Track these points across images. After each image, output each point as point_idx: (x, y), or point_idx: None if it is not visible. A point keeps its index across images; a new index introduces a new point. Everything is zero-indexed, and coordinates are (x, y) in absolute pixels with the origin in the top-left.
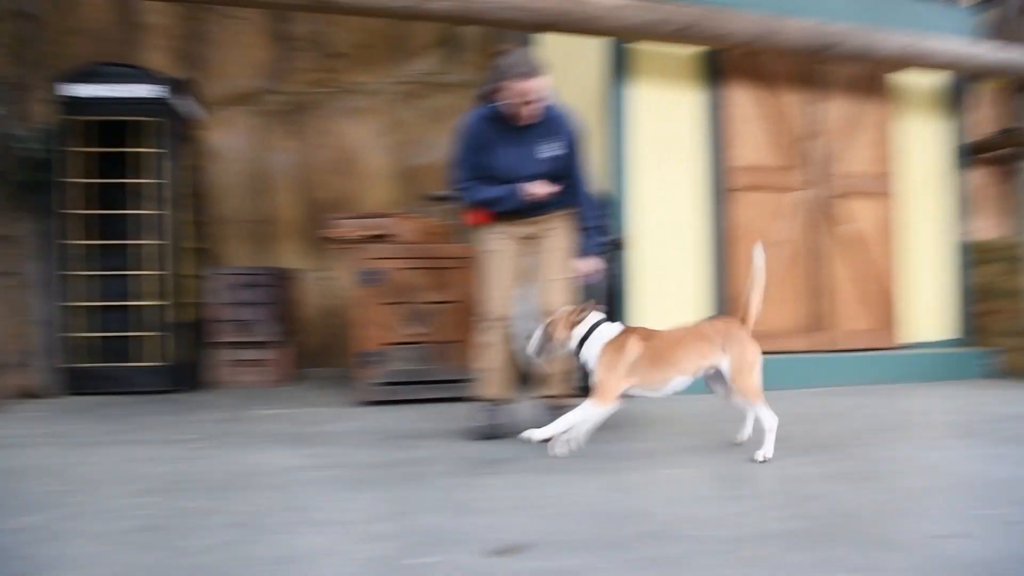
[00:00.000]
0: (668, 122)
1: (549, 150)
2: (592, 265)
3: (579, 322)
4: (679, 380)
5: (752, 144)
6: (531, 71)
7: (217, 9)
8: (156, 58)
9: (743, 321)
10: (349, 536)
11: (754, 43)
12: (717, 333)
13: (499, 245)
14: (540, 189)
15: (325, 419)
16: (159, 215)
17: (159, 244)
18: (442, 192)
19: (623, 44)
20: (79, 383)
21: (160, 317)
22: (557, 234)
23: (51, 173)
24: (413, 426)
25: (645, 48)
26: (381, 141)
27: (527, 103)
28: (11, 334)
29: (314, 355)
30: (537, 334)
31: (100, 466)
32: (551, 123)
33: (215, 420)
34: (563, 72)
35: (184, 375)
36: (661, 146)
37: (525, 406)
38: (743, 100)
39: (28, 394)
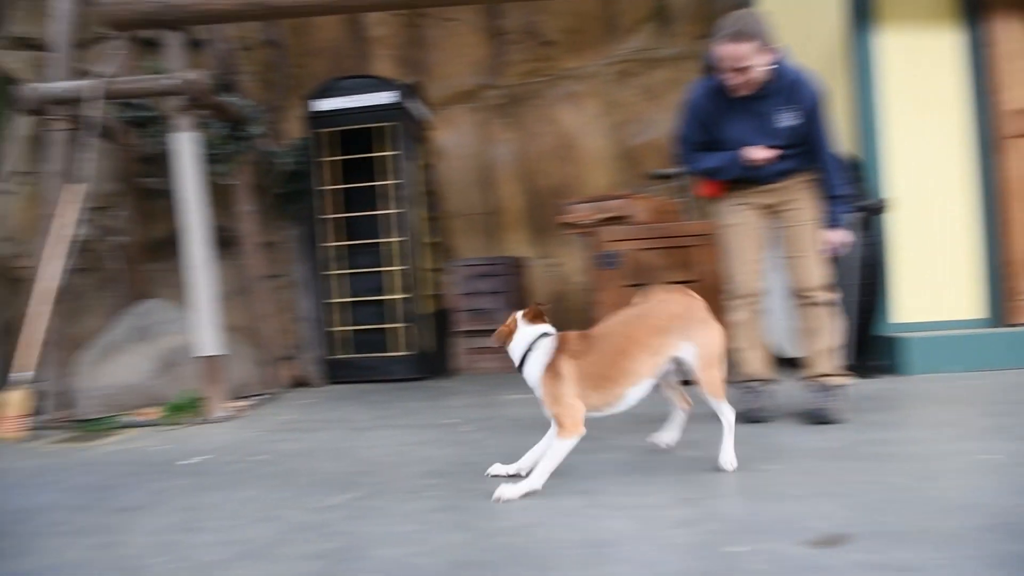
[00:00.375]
0: (922, 68)
1: (787, 119)
2: (841, 236)
3: (509, 334)
4: (635, 391)
5: None
6: (734, 34)
7: (434, 13)
8: (384, 67)
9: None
10: (655, 522)
11: None
12: (673, 318)
13: (737, 218)
14: (761, 154)
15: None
16: (399, 214)
17: (401, 241)
18: (666, 170)
19: None
20: (338, 373)
21: (405, 309)
22: (802, 204)
23: (305, 183)
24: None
25: None
26: (599, 124)
27: (734, 70)
28: (281, 329)
29: None
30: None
31: (383, 449)
32: (786, 90)
33: (468, 406)
34: (797, 26)
35: (429, 363)
36: (916, 97)
37: (790, 387)
38: (1011, 35)
39: (298, 383)
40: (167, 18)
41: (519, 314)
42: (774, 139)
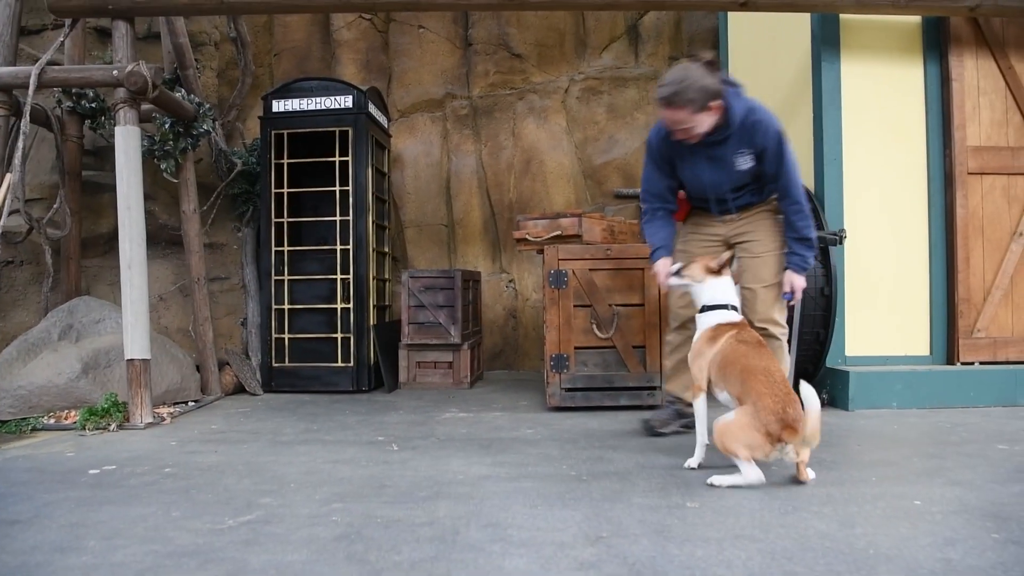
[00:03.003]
0: (885, 100)
1: (745, 162)
2: (801, 283)
3: (708, 272)
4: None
5: (987, 121)
6: (668, 99)
7: (403, 19)
8: (351, 71)
9: None
10: (555, 562)
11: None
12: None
13: (685, 245)
14: (661, 277)
15: (511, 424)
16: (349, 220)
17: (349, 248)
18: (629, 190)
19: (833, 15)
20: (280, 381)
21: (351, 319)
22: (759, 236)
23: (260, 184)
24: (604, 434)
25: (858, 19)
26: (564, 140)
27: (676, 130)
28: (223, 334)
29: (497, 357)
30: None
31: (299, 466)
32: (743, 133)
33: (403, 422)
34: (764, 52)
35: (373, 376)
36: (878, 128)
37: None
38: (975, 71)
39: (237, 390)
40: (115, 7)
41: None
42: (738, 179)
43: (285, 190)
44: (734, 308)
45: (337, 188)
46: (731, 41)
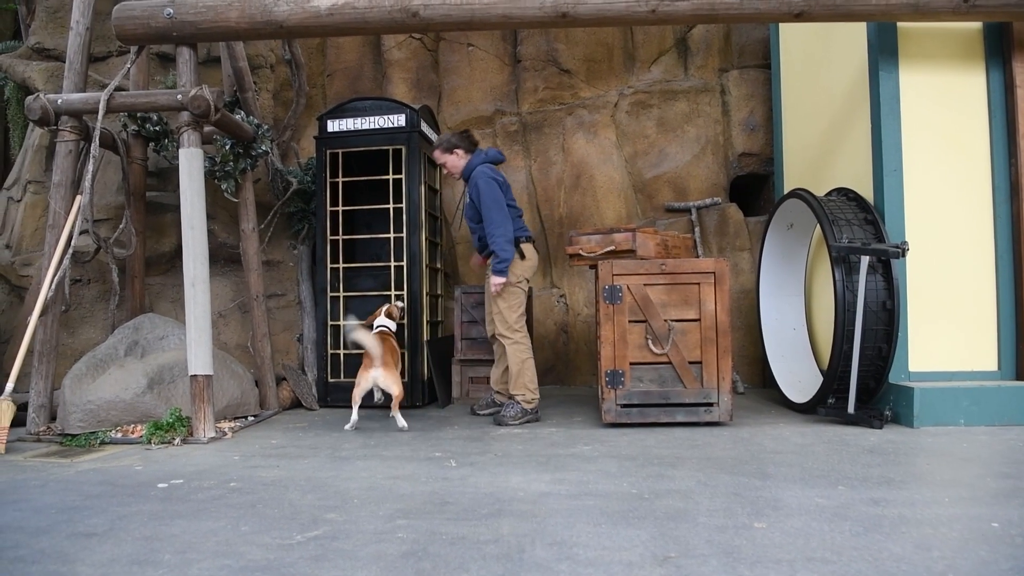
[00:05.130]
0: (946, 109)
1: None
2: (496, 282)
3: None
4: None
5: None
6: (436, 143)
7: (452, 38)
8: (401, 90)
9: None
10: None
11: None
12: None
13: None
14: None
15: (567, 441)
16: (402, 237)
17: (402, 265)
18: (680, 203)
19: (891, 24)
20: (336, 396)
21: (406, 335)
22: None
23: (315, 203)
24: (662, 451)
25: (916, 27)
26: (614, 154)
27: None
28: (281, 350)
29: (549, 372)
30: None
31: (360, 482)
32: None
33: (459, 438)
34: (819, 61)
35: (427, 391)
36: (938, 138)
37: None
38: None
39: (294, 405)
40: (178, 34)
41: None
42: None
43: (340, 208)
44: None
45: (391, 205)
46: (783, 52)
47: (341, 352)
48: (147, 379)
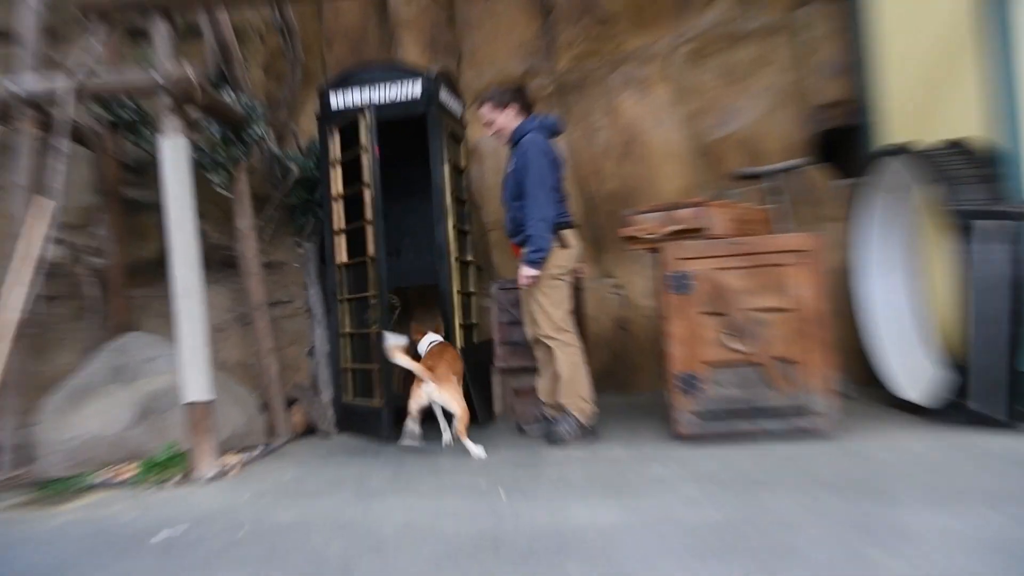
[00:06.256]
0: None
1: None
2: (526, 273)
3: None
4: None
5: None
6: (485, 96)
7: None
8: (413, 53)
9: None
10: None
11: None
12: None
13: None
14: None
15: (635, 460)
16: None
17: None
18: (754, 168)
19: None
20: (355, 420)
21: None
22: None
23: (319, 191)
24: (752, 470)
25: None
26: (670, 114)
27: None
28: (289, 366)
29: (606, 378)
30: None
31: (394, 522)
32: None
33: (506, 463)
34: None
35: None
36: None
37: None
38: None
39: (308, 431)
40: (155, 2)
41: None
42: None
43: (347, 194)
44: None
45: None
46: None
47: (359, 366)
48: (136, 409)
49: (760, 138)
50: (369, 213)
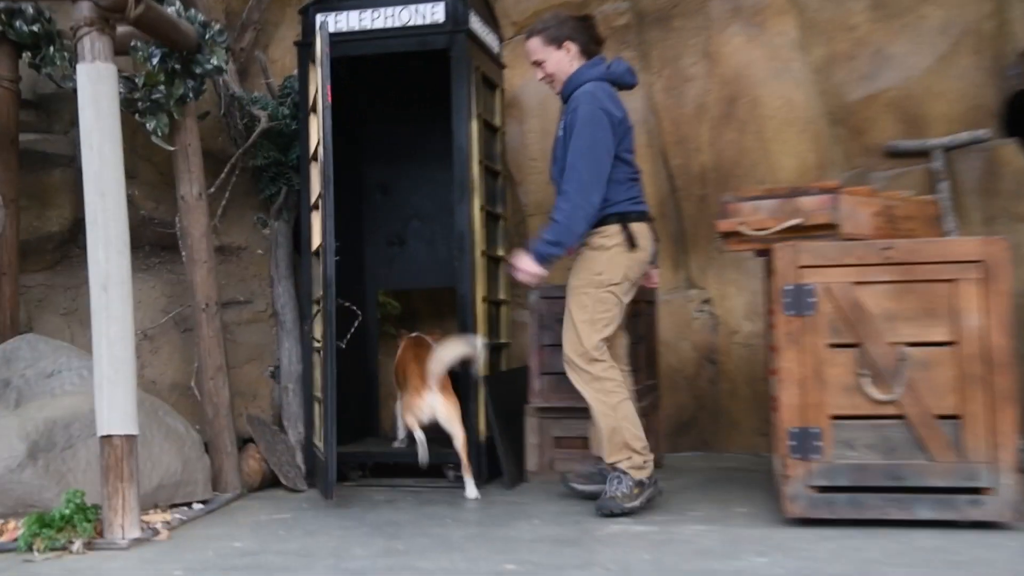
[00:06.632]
0: None
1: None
2: (525, 265)
3: None
4: None
5: None
6: (531, 28)
7: None
8: None
9: None
10: None
11: None
12: None
13: None
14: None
15: (726, 547)
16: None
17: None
18: (915, 142)
19: None
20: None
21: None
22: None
23: (297, 150)
24: (891, 568)
25: None
26: (796, 60)
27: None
28: (241, 393)
29: (686, 429)
30: None
31: None
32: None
33: (543, 540)
34: None
35: (485, 459)
36: None
37: None
38: None
39: (268, 483)
40: None
41: None
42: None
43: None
44: None
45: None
46: None
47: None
48: (27, 444)
49: (925, 98)
50: (317, 185)
